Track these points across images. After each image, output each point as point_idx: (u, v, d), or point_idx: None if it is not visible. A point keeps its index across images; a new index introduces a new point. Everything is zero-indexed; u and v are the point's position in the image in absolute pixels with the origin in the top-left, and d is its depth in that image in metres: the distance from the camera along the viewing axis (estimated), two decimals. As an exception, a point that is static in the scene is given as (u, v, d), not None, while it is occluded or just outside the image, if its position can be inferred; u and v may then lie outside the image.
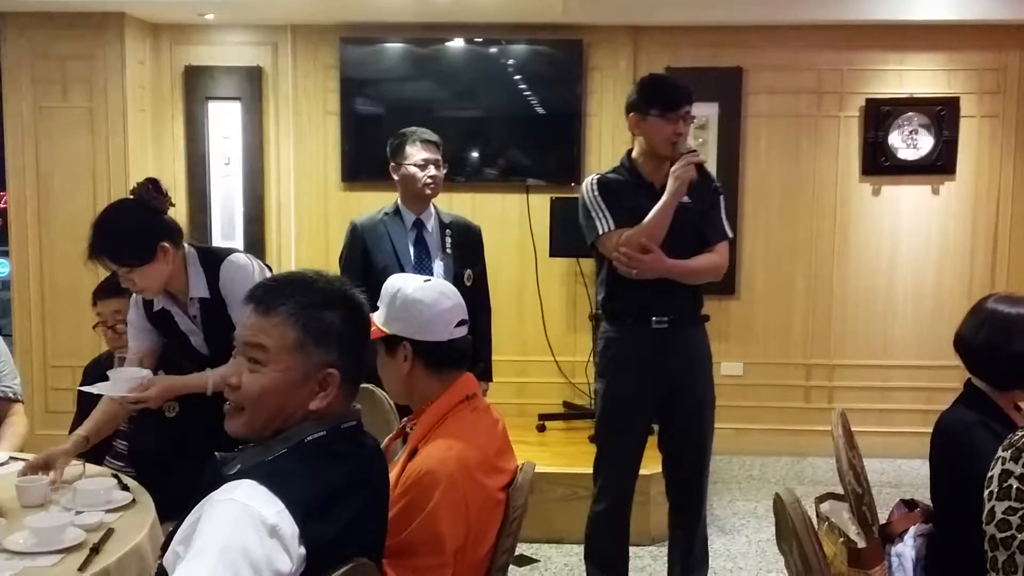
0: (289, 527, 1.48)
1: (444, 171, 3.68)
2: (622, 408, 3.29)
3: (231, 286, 2.76)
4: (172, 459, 2.79)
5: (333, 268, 3.57)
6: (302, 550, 1.49)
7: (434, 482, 1.89)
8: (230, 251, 2.92)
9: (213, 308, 2.82)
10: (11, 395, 3.37)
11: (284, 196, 5.51)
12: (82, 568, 2.08)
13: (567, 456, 4.66)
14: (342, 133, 5.42)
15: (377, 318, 2.09)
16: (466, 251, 3.73)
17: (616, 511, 3.36)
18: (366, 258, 3.61)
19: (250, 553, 1.43)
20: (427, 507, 1.87)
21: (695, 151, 3.19)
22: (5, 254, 5.83)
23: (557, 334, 5.53)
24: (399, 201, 3.69)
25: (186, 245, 2.85)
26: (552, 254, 5.30)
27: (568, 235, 5.17)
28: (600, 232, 3.20)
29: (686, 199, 3.16)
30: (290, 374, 1.65)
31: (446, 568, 1.88)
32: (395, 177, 3.66)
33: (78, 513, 2.32)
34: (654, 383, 3.24)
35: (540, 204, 5.36)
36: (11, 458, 2.90)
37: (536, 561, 4.12)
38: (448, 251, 3.67)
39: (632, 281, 3.18)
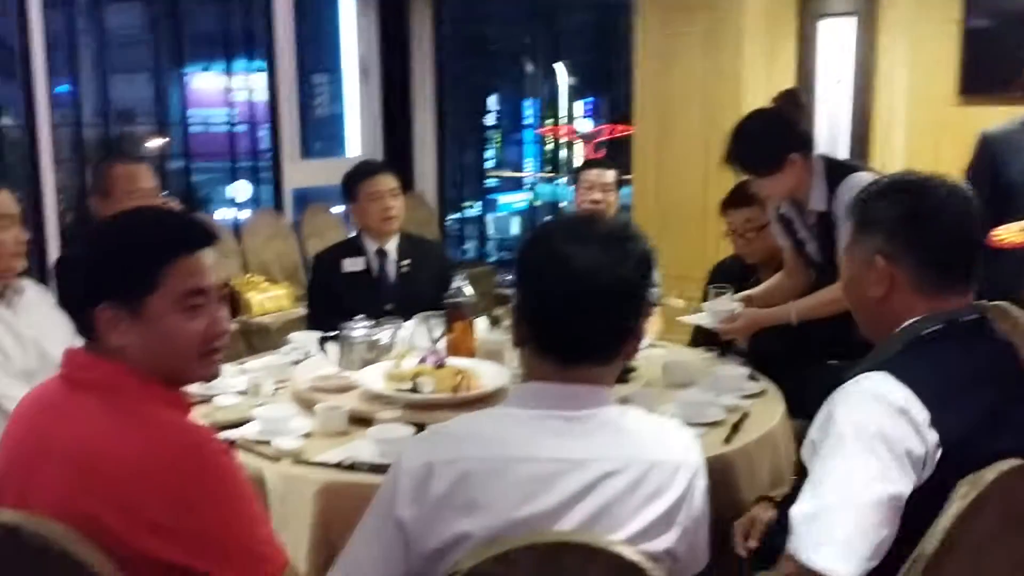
0: (918, 411, 1.53)
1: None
2: None
3: (842, 206, 2.65)
4: (793, 361, 2.94)
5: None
6: (934, 435, 1.53)
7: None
8: (856, 168, 2.93)
9: (826, 222, 2.89)
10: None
11: (893, 113, 5.32)
12: (726, 442, 2.31)
13: None
14: (961, 44, 5.06)
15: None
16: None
17: None
18: (995, 171, 3.38)
19: (884, 432, 1.52)
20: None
21: None
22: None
23: None
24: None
25: (817, 156, 2.93)
26: None
27: None
28: None
29: None
30: (852, 268, 1.77)
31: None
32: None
33: (718, 395, 2.57)
34: None
35: None
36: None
37: None
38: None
39: None
